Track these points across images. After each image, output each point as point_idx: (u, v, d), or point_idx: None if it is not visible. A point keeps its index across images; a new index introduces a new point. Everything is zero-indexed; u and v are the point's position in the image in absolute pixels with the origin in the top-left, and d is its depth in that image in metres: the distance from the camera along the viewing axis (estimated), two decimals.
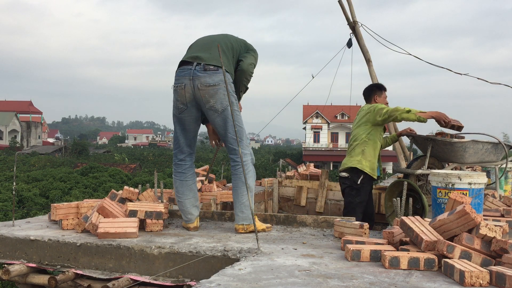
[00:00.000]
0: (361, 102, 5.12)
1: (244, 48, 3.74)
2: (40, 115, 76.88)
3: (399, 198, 3.70)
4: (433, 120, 4.46)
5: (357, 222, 3.37)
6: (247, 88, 3.74)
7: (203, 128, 3.98)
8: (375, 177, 4.82)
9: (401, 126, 5.81)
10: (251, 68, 3.66)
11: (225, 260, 2.80)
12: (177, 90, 3.49)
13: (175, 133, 3.70)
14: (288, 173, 7.62)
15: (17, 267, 3.14)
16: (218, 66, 3.38)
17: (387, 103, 4.96)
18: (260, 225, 3.65)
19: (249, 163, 3.58)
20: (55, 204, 3.69)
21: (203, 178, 5.36)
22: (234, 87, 3.60)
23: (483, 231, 2.49)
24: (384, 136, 5.03)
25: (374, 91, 4.96)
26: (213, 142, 4.04)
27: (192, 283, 2.82)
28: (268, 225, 3.74)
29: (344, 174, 4.74)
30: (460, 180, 3.47)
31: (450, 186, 3.50)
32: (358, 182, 4.64)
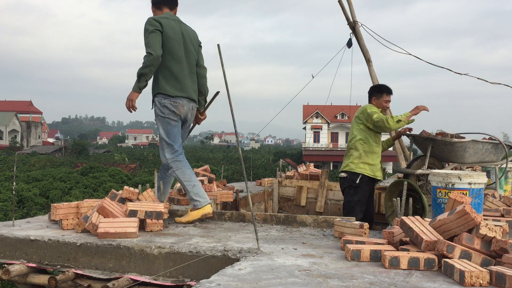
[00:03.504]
0: (361, 102, 5.13)
1: (197, 43, 4.36)
2: (40, 115, 76.88)
3: (399, 198, 3.70)
4: (431, 119, 4.53)
5: (357, 222, 3.37)
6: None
7: (204, 128, 4.35)
8: (379, 178, 4.86)
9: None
10: (206, 73, 4.41)
11: (225, 260, 2.80)
12: (177, 106, 4.12)
13: (175, 135, 4.20)
14: (288, 173, 7.62)
15: (17, 267, 3.14)
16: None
17: (387, 108, 4.90)
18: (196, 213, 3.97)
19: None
20: (55, 204, 3.69)
21: (204, 178, 5.36)
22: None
23: (483, 231, 2.49)
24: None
25: (373, 93, 4.93)
26: (132, 106, 4.08)
27: (192, 283, 2.82)
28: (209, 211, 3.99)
29: (343, 174, 4.84)
30: (460, 180, 3.47)
31: (450, 186, 3.50)
32: (357, 182, 4.72)
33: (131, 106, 4.02)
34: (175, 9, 4.30)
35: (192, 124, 4.45)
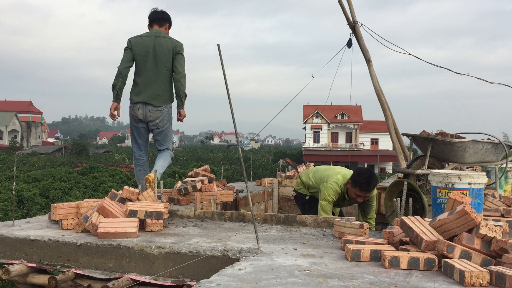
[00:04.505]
0: (361, 102, 5.18)
1: (174, 52, 4.89)
2: (40, 115, 76.90)
3: (399, 198, 3.70)
4: (431, 119, 4.56)
5: (357, 222, 3.37)
6: (186, 95, 4.95)
7: (204, 128, 4.78)
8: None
9: (402, 128, 5.80)
10: (183, 79, 4.89)
11: (225, 260, 2.80)
12: (133, 109, 4.89)
13: (134, 137, 5.10)
14: (288, 173, 7.62)
15: (17, 267, 3.14)
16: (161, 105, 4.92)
17: (357, 202, 4.76)
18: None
19: (169, 155, 5.16)
20: (55, 204, 3.68)
21: (204, 178, 5.36)
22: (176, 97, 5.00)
23: (483, 231, 2.49)
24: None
25: (352, 178, 4.61)
26: (111, 115, 4.91)
27: (192, 283, 2.82)
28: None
29: (293, 193, 5.40)
30: (460, 180, 3.47)
31: (450, 186, 3.50)
32: (307, 198, 5.12)
33: (110, 115, 4.86)
34: (165, 25, 5.04)
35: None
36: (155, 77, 4.86)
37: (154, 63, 4.84)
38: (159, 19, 5.04)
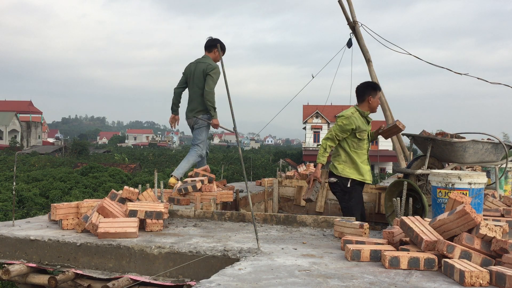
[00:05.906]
0: None
1: (204, 74, 5.93)
2: (40, 115, 76.86)
3: (399, 198, 3.70)
4: (431, 119, 4.53)
5: (357, 222, 3.37)
6: (214, 108, 5.98)
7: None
8: (367, 181, 4.77)
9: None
10: (209, 95, 5.92)
11: (225, 260, 2.80)
12: (187, 121, 6.21)
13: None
14: (288, 173, 7.61)
15: (17, 267, 3.14)
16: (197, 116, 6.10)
17: (379, 104, 4.84)
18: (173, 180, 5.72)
19: (198, 153, 6.17)
20: (55, 204, 3.68)
21: (204, 178, 5.35)
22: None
23: (483, 231, 2.49)
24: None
25: (368, 91, 4.74)
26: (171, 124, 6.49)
27: (192, 283, 2.82)
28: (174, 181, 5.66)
29: (332, 179, 4.77)
30: (460, 180, 3.47)
31: (450, 186, 3.50)
32: (348, 186, 4.67)
33: (170, 123, 6.45)
34: (213, 50, 6.00)
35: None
36: (193, 95, 6.05)
37: (192, 84, 6.02)
38: (207, 46, 6.08)
